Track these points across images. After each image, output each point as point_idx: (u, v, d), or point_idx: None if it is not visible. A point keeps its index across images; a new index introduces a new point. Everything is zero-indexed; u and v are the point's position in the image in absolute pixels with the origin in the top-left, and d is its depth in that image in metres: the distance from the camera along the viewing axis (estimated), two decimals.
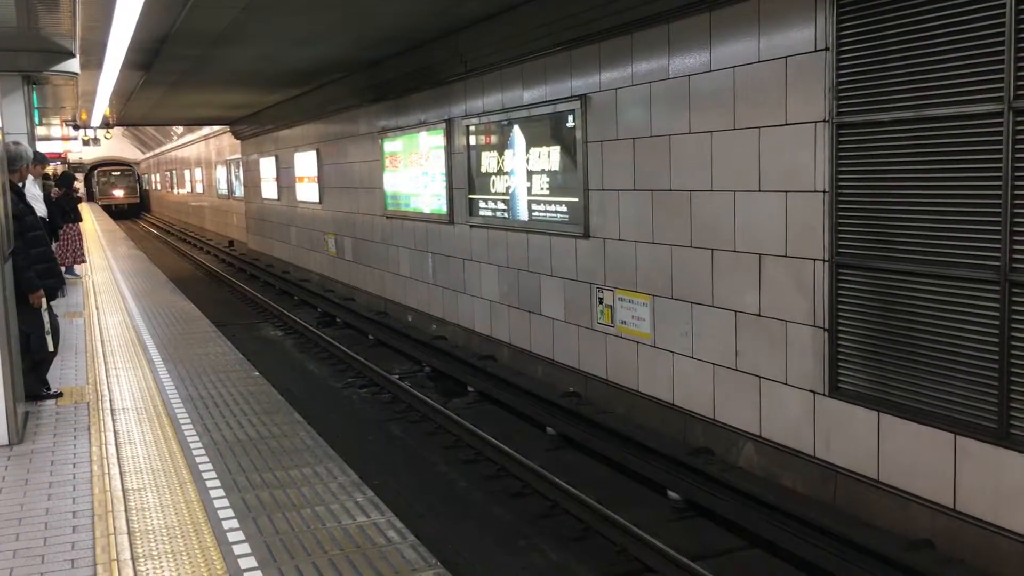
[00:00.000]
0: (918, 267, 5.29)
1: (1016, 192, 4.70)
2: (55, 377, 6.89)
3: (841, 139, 5.73)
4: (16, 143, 6.80)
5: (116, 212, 47.25)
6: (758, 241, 6.51)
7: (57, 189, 13.80)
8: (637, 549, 5.57)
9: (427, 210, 12.52)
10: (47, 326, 6.17)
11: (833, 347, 5.94)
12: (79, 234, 14.48)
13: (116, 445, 5.33)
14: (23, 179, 6.74)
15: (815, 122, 5.91)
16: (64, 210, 13.31)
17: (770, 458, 6.54)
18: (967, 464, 5.08)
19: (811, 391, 6.14)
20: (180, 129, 33.20)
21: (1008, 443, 4.84)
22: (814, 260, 6.03)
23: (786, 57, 6.11)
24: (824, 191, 5.88)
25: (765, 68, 6.31)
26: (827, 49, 5.75)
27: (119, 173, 52.33)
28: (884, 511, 5.59)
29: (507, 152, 9.98)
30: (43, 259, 6.27)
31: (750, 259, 6.60)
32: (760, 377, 6.60)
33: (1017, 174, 4.68)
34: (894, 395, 5.53)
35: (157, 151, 46.07)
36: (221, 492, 4.49)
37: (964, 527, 5.09)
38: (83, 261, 14.65)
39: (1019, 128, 4.65)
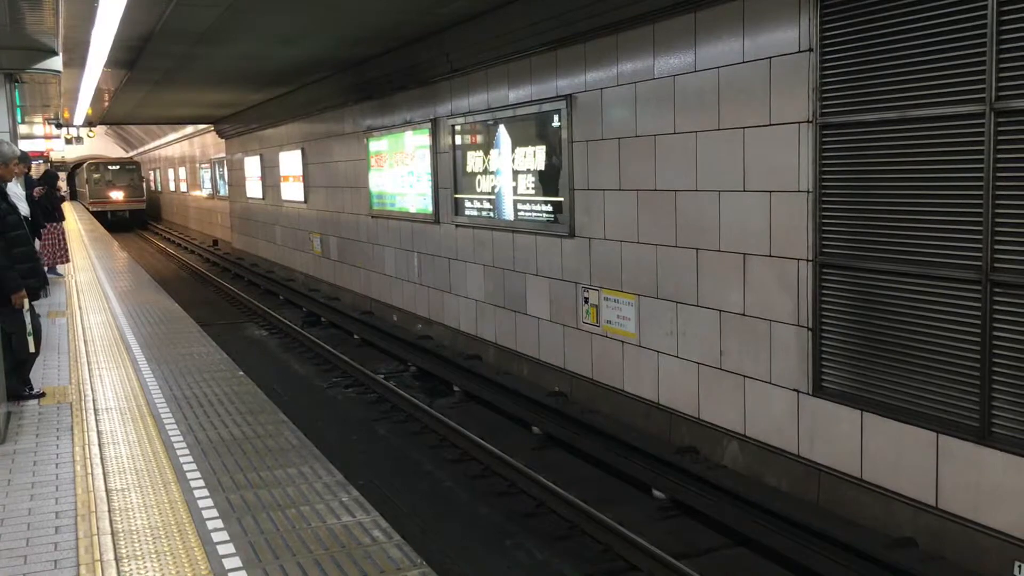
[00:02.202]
0: (901, 267, 5.33)
1: (998, 192, 4.74)
2: (37, 377, 6.84)
3: (825, 139, 5.76)
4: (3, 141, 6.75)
5: (113, 221, 37.23)
6: (743, 241, 6.54)
7: (39, 188, 13.70)
8: (622, 548, 5.58)
9: (413, 209, 12.51)
10: (29, 326, 6.13)
11: (817, 346, 5.97)
12: (63, 233, 14.39)
13: (99, 445, 5.30)
14: (8, 178, 6.69)
15: (799, 122, 5.94)
16: (47, 209, 13.22)
17: (754, 457, 6.57)
18: (949, 462, 5.12)
19: (795, 390, 6.17)
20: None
21: (989, 441, 4.88)
22: (798, 260, 6.06)
23: (770, 58, 6.14)
24: (808, 191, 5.92)
25: (749, 69, 6.34)
26: (811, 50, 5.78)
27: (118, 168, 39.50)
28: (867, 509, 5.63)
29: (493, 152, 9.98)
30: (26, 259, 6.23)
31: (735, 259, 6.63)
32: (744, 376, 6.63)
33: (999, 174, 4.72)
34: (877, 394, 5.56)
35: (141, 149, 45.32)
36: (205, 492, 4.48)
37: (946, 525, 5.13)
38: (67, 261, 14.56)
39: (1001, 129, 4.69)
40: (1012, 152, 4.66)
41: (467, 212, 10.81)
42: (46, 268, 11.20)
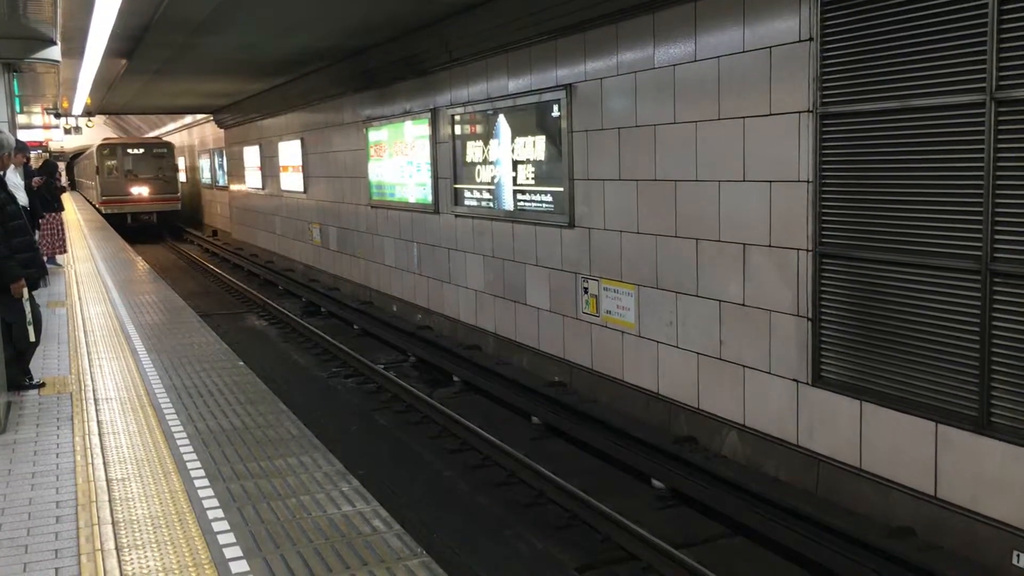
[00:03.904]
0: (900, 257, 5.33)
1: (998, 182, 4.73)
2: (37, 367, 6.85)
3: (825, 129, 5.75)
4: None
5: (134, 226, 27.73)
6: (742, 231, 6.54)
7: (38, 178, 13.68)
8: (621, 537, 5.60)
9: (412, 199, 12.49)
10: (29, 316, 6.13)
11: (816, 336, 5.97)
12: (61, 223, 14.38)
13: (100, 435, 5.31)
14: (5, 168, 6.69)
15: (799, 112, 5.93)
16: (45, 199, 13.21)
17: (754, 447, 6.58)
18: (948, 452, 5.13)
19: (794, 380, 6.18)
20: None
21: (988, 431, 4.89)
22: (798, 250, 6.06)
23: (770, 47, 6.13)
24: (808, 181, 5.91)
25: (749, 58, 6.32)
26: (811, 39, 5.76)
27: (142, 152, 28.66)
28: (866, 499, 5.64)
29: (492, 142, 9.96)
30: (25, 248, 6.23)
31: (734, 249, 6.62)
32: (744, 366, 6.63)
33: (998, 164, 4.72)
34: (876, 384, 5.57)
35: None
36: (206, 482, 4.48)
37: (945, 514, 5.14)
38: (64, 251, 14.54)
39: (1001, 119, 4.68)
40: (1012, 142, 4.65)
41: (467, 202, 10.79)
42: (45, 258, 11.19)
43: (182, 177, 32.38)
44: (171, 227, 30.18)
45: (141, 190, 28.24)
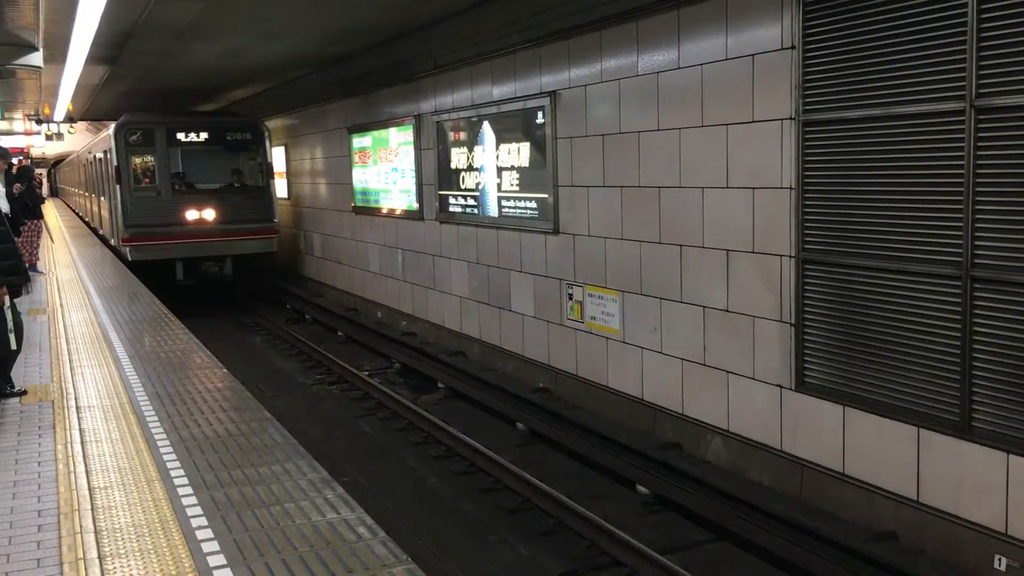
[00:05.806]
0: (882, 263, 5.37)
1: (978, 188, 4.78)
2: (19, 375, 6.78)
3: (807, 136, 5.80)
4: None
5: (188, 282, 15.51)
6: (726, 237, 6.57)
7: (19, 184, 13.58)
8: (606, 543, 5.61)
9: (397, 206, 12.48)
10: (10, 323, 6.08)
11: (799, 342, 6.01)
12: (39, 230, 14.27)
13: (82, 443, 5.27)
14: None
15: (782, 119, 5.97)
16: (27, 206, 13.13)
17: (738, 452, 6.60)
18: (930, 456, 5.17)
19: (778, 386, 6.21)
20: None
21: (969, 436, 4.93)
22: (781, 256, 6.09)
23: (753, 55, 6.17)
24: (791, 187, 5.95)
25: (733, 66, 6.36)
26: (793, 47, 5.81)
27: (207, 137, 15.46)
28: (849, 503, 5.67)
29: (477, 148, 9.98)
30: (7, 255, 6.19)
31: (718, 255, 6.65)
32: (728, 372, 6.66)
33: (979, 171, 4.77)
34: (859, 389, 5.61)
35: None
36: (189, 490, 4.45)
37: (927, 518, 5.17)
38: (36, 259, 14.42)
39: (980, 126, 4.74)
40: (992, 148, 4.71)
41: (451, 209, 10.80)
42: (27, 265, 11.11)
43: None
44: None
45: (205, 213, 15.33)
